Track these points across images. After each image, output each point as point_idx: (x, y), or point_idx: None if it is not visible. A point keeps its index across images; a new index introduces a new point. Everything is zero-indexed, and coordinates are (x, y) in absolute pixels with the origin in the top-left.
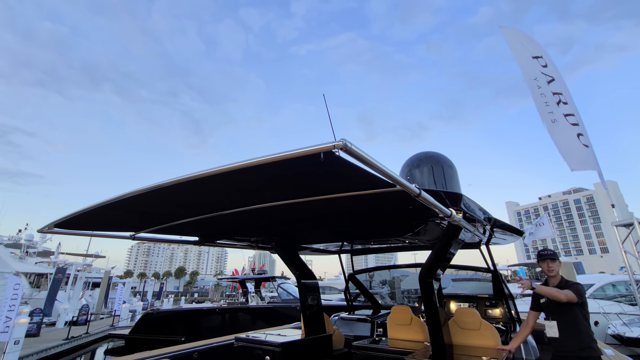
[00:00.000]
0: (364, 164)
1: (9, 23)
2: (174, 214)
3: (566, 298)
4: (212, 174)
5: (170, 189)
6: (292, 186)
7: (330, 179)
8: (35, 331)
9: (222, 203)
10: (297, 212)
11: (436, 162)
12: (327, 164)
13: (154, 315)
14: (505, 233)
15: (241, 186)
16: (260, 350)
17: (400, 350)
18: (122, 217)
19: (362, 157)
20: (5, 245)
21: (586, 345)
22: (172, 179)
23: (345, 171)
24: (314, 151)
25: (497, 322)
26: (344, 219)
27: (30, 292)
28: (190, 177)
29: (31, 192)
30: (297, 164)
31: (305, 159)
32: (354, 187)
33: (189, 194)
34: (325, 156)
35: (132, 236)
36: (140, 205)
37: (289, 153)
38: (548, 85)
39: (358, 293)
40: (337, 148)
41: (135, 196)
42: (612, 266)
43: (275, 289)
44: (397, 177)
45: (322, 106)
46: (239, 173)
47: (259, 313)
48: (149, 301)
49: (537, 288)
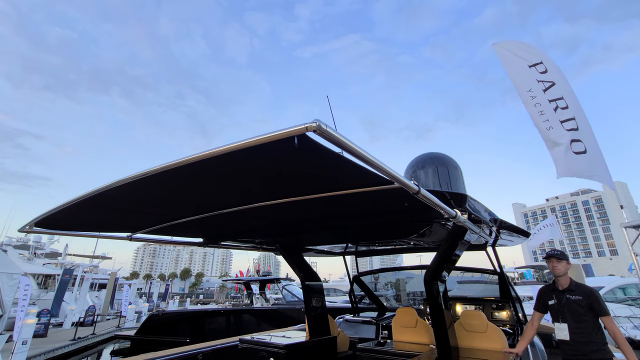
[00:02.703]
0: (345, 150)
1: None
2: (164, 214)
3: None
4: (166, 168)
5: (143, 182)
6: (277, 181)
7: (317, 172)
8: (42, 332)
9: (214, 202)
10: (294, 212)
11: (441, 163)
12: (306, 152)
13: (160, 317)
14: (512, 234)
15: (216, 180)
16: (264, 352)
17: (406, 352)
18: (105, 215)
19: (339, 141)
20: (14, 247)
21: (598, 347)
22: (141, 172)
23: (331, 162)
24: (285, 135)
25: (504, 325)
26: (347, 220)
27: (38, 293)
28: (159, 169)
29: (39, 194)
30: (271, 150)
31: (278, 144)
32: (347, 183)
33: (165, 189)
34: (300, 141)
35: (129, 237)
36: (120, 202)
37: (258, 138)
38: (544, 93)
39: (363, 295)
40: (310, 130)
41: (107, 191)
42: (621, 269)
43: (280, 291)
44: (392, 171)
45: (327, 108)
46: (203, 164)
47: (263, 315)
48: (155, 302)
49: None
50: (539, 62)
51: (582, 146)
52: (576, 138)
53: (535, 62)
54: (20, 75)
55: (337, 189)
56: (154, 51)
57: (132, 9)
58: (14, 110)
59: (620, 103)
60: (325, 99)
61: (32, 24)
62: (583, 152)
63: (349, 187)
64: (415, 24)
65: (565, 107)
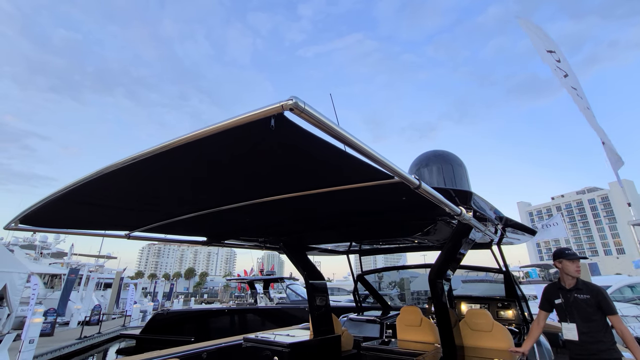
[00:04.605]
0: (331, 135)
1: (24, 30)
2: (157, 210)
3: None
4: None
5: (122, 172)
6: (265, 174)
7: (305, 162)
8: (49, 331)
9: (206, 198)
10: (295, 210)
11: (445, 161)
12: (286, 136)
13: (164, 316)
14: (518, 232)
15: (199, 174)
16: (269, 350)
17: (411, 351)
18: (95, 212)
19: (322, 123)
20: (21, 247)
21: (607, 347)
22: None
23: (319, 151)
24: (258, 116)
25: (510, 324)
26: (350, 217)
27: (44, 293)
28: (128, 160)
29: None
30: (246, 135)
31: (253, 127)
32: (343, 176)
33: (148, 182)
34: (278, 123)
35: (127, 235)
36: (102, 197)
37: (231, 121)
38: (565, 79)
39: (367, 294)
40: (286, 109)
41: (87, 184)
42: (628, 267)
43: (284, 290)
44: (390, 163)
45: (330, 107)
46: (167, 154)
47: (267, 314)
48: (160, 302)
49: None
50: (554, 51)
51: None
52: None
53: (551, 49)
54: (26, 76)
55: (334, 184)
56: (157, 52)
57: (136, 10)
58: (20, 112)
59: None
60: (328, 98)
61: (36, 25)
62: (604, 143)
63: (346, 182)
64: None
65: (581, 98)
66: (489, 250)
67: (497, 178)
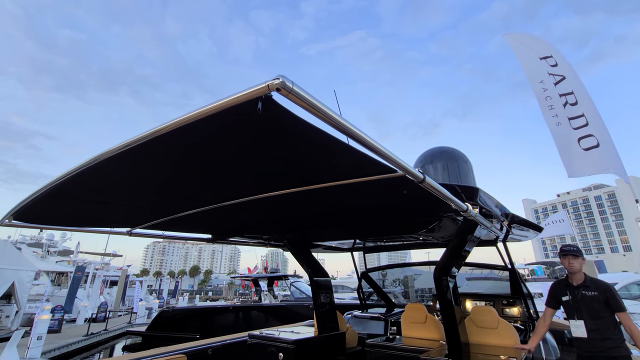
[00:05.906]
0: (325, 121)
1: (29, 31)
2: (155, 206)
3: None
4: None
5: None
6: (263, 167)
7: (302, 150)
8: (56, 327)
9: (205, 194)
10: (297, 206)
11: (451, 158)
12: (277, 122)
13: (170, 313)
14: (524, 229)
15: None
16: (273, 347)
17: (415, 348)
18: (90, 208)
19: (314, 106)
20: (28, 245)
21: (616, 344)
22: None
23: (314, 138)
24: (244, 98)
25: (515, 321)
26: (354, 214)
27: (51, 290)
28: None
29: None
30: (235, 120)
31: (239, 110)
32: (343, 169)
33: (137, 172)
34: (265, 107)
35: (129, 232)
36: (96, 191)
37: (212, 106)
38: (555, 87)
39: (371, 292)
40: (272, 89)
41: (76, 177)
42: (635, 265)
43: (288, 288)
44: (391, 154)
45: (334, 105)
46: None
47: (271, 311)
48: (165, 299)
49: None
50: (549, 56)
51: (595, 140)
52: (586, 134)
53: (546, 55)
54: (31, 76)
55: (334, 178)
56: (160, 51)
57: (139, 10)
58: (26, 112)
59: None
60: (332, 95)
61: (41, 25)
62: (595, 147)
63: (347, 176)
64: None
65: (574, 104)
66: (494, 247)
67: (501, 175)
